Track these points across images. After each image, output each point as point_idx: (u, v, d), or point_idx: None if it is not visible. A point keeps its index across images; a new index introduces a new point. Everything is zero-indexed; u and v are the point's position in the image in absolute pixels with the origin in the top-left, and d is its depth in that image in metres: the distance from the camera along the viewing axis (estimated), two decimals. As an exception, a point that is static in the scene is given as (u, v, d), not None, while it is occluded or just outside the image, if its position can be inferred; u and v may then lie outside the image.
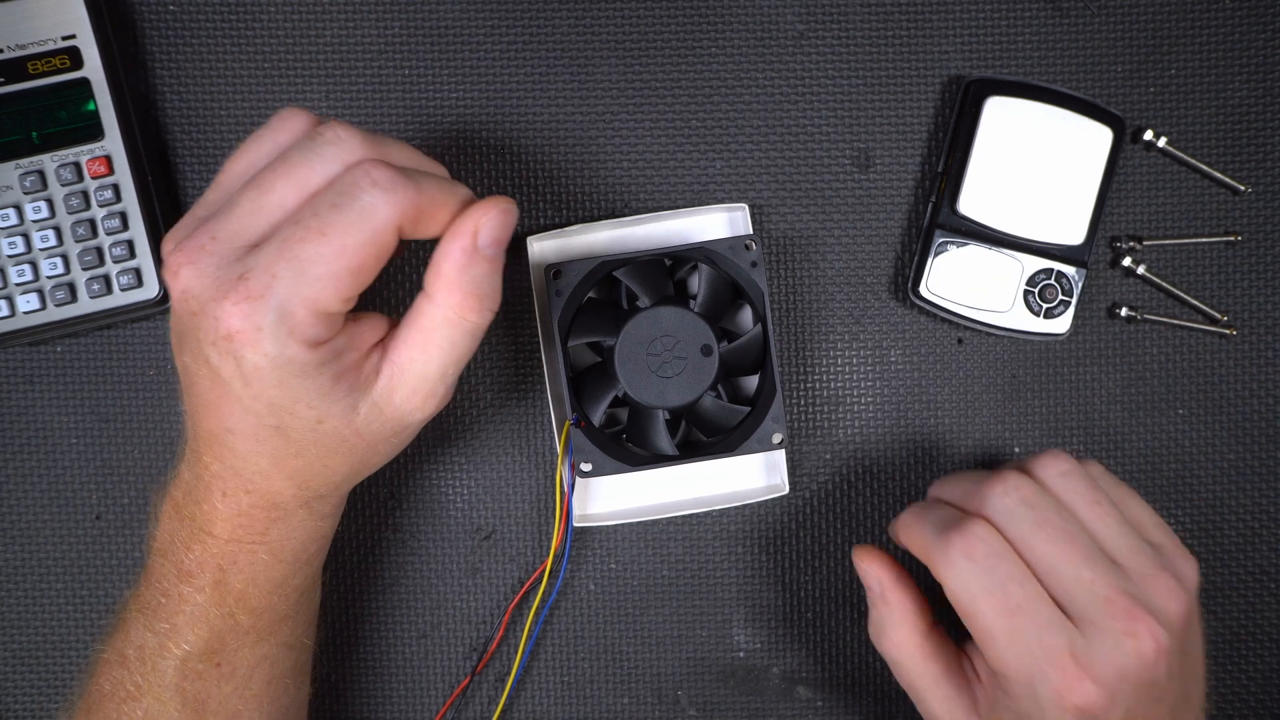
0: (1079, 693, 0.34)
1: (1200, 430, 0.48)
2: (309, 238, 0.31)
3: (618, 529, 0.48)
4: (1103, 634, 0.34)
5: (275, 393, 0.33)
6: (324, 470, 0.36)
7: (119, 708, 0.37)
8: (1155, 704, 0.35)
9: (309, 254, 0.31)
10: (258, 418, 0.33)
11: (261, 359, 0.32)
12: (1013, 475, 0.37)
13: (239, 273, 0.32)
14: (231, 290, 0.31)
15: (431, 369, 0.35)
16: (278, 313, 0.31)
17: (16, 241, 0.44)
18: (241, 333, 0.31)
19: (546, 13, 0.48)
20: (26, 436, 0.48)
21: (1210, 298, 0.48)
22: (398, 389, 0.35)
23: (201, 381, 0.34)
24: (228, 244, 0.32)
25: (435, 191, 0.33)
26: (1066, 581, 0.35)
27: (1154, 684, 0.34)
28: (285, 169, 0.33)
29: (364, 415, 0.35)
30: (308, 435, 0.34)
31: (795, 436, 0.48)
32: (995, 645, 0.35)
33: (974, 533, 0.36)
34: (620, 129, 0.48)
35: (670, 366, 0.43)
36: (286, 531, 0.37)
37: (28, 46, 0.44)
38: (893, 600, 0.40)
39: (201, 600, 0.36)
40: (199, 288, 0.32)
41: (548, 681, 0.49)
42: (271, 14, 0.48)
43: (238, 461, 0.35)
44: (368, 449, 0.36)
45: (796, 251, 0.48)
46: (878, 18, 0.48)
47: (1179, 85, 0.48)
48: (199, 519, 0.36)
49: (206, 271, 0.32)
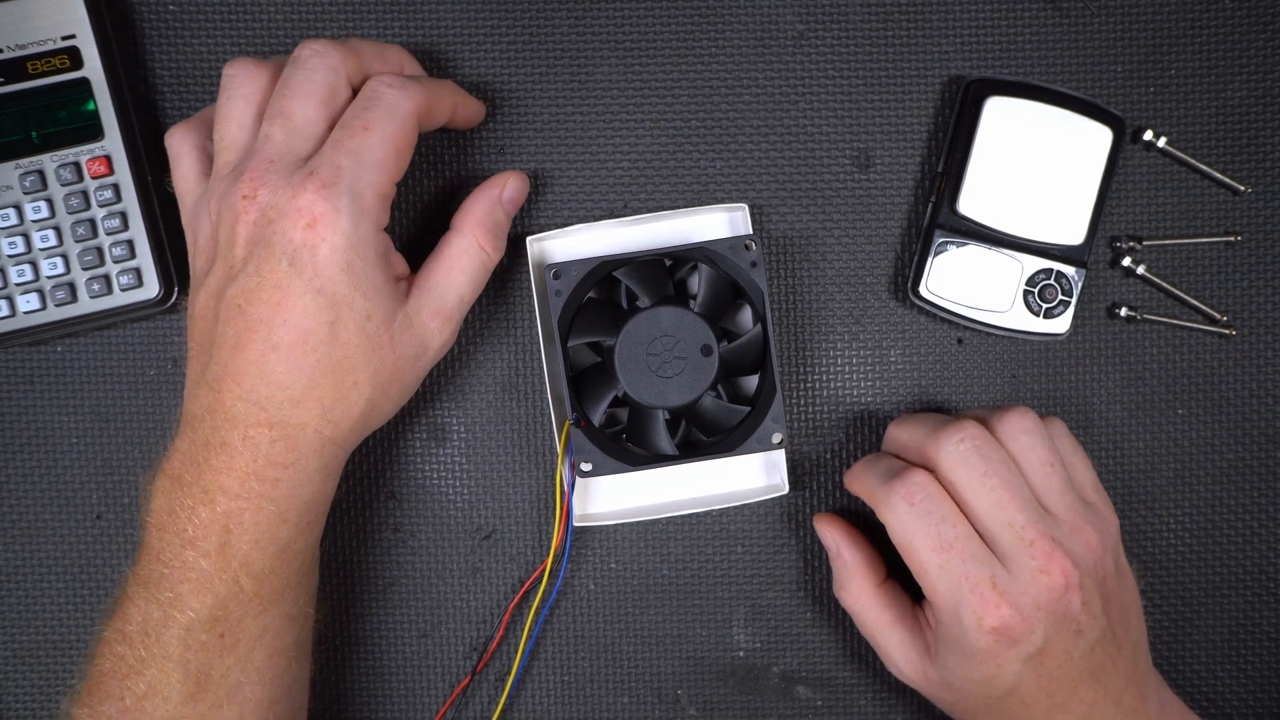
0: (996, 615, 0.38)
1: (1200, 430, 0.48)
2: (357, 134, 0.38)
3: (618, 529, 0.48)
4: (1022, 569, 0.38)
5: (342, 279, 0.37)
6: (350, 392, 0.38)
7: (121, 684, 0.37)
8: (1074, 636, 0.39)
9: (361, 146, 0.38)
10: (315, 315, 0.37)
11: (339, 239, 0.37)
12: (970, 425, 0.40)
13: (307, 172, 0.37)
14: (307, 183, 0.37)
15: (452, 293, 0.41)
16: (350, 194, 0.37)
17: (16, 241, 0.44)
18: (324, 215, 0.37)
19: (546, 13, 0.48)
20: (26, 436, 0.48)
21: (1210, 298, 0.48)
22: (424, 307, 0.40)
23: (258, 300, 0.37)
24: (285, 161, 0.38)
25: (434, 88, 0.42)
26: (999, 524, 0.39)
27: (1068, 616, 0.38)
28: (290, 92, 0.39)
29: (399, 324, 0.39)
30: (353, 336, 0.38)
31: (795, 436, 0.48)
32: (928, 576, 0.39)
33: (914, 480, 0.40)
34: (620, 129, 0.48)
35: (670, 366, 0.43)
36: (296, 484, 0.38)
37: (28, 46, 0.44)
38: (847, 555, 0.44)
39: (206, 565, 0.37)
40: (276, 196, 0.37)
41: (548, 681, 0.49)
42: (271, 14, 0.48)
43: (270, 389, 0.37)
44: (393, 369, 0.40)
45: (796, 251, 0.48)
46: (878, 18, 0.48)
47: (1179, 85, 0.48)
48: (205, 480, 0.37)
49: (279, 183, 0.37)
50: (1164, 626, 0.48)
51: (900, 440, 0.43)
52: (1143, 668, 0.42)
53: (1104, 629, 0.39)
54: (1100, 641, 0.39)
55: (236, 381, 0.37)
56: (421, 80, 0.41)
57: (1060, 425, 0.43)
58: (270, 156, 0.38)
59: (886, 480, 0.41)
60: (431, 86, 0.41)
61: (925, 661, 0.42)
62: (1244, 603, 0.48)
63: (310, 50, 0.39)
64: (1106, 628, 0.40)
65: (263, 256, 0.37)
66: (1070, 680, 0.39)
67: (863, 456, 0.45)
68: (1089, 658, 0.39)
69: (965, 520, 0.39)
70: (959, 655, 0.39)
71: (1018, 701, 0.39)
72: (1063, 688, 0.39)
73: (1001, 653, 0.38)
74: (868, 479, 0.42)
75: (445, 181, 0.48)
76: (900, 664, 0.43)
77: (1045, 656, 0.38)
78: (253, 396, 0.37)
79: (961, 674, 0.40)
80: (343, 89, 0.40)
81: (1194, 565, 0.48)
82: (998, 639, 0.38)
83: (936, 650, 0.41)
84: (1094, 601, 0.39)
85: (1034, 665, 0.38)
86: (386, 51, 0.42)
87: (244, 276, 0.37)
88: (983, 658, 0.38)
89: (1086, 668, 0.39)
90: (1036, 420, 0.41)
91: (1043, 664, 0.39)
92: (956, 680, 0.40)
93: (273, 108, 0.39)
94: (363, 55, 0.41)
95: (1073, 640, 0.39)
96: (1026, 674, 0.39)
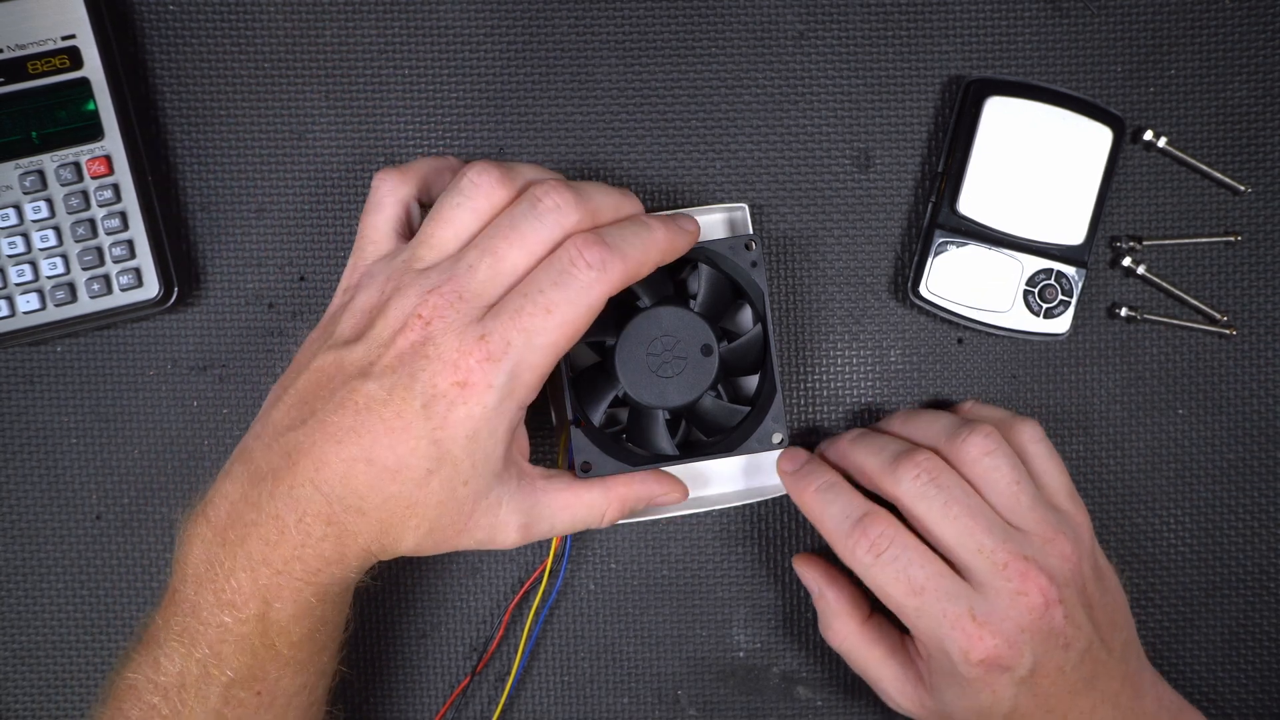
0: (981, 648, 0.38)
1: (1200, 430, 0.48)
2: (537, 313, 0.36)
3: (618, 529, 0.48)
4: (999, 594, 0.38)
5: (461, 443, 0.36)
6: (409, 529, 0.37)
7: None
8: (1063, 651, 0.39)
9: (537, 326, 0.36)
10: (420, 460, 0.36)
11: (478, 411, 0.36)
12: (923, 457, 0.41)
13: (479, 334, 0.36)
14: (475, 347, 0.36)
15: (552, 524, 0.40)
16: (509, 374, 0.36)
17: (16, 241, 0.44)
18: (477, 386, 0.36)
19: (546, 13, 0.48)
20: (26, 436, 0.48)
21: (1210, 298, 0.48)
22: (521, 512, 0.39)
23: (376, 414, 0.36)
24: (472, 304, 0.37)
25: (638, 254, 0.38)
26: (969, 552, 0.39)
27: (1053, 633, 0.38)
28: (515, 237, 0.37)
29: (488, 503, 0.38)
30: (442, 490, 0.37)
31: (795, 436, 0.48)
32: (907, 618, 0.40)
33: (875, 529, 0.40)
34: (620, 129, 0.48)
35: (670, 366, 0.43)
36: (335, 577, 0.38)
37: (28, 46, 0.44)
38: (829, 596, 0.44)
39: (244, 631, 0.37)
40: (444, 340, 0.36)
41: (548, 681, 0.49)
42: (271, 14, 0.48)
43: (344, 491, 0.36)
44: (454, 533, 0.38)
45: (796, 251, 0.48)
46: (878, 18, 0.48)
47: (1179, 85, 0.48)
48: (250, 548, 0.36)
49: (454, 327, 0.36)
50: (1164, 626, 0.48)
51: (857, 463, 0.43)
52: (1135, 664, 0.42)
53: (1091, 636, 0.39)
54: (1089, 650, 0.39)
55: (316, 467, 0.36)
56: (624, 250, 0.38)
57: (1034, 429, 0.43)
58: (461, 292, 0.36)
59: (848, 530, 0.41)
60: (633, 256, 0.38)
61: (921, 692, 0.42)
62: (1244, 603, 0.48)
63: (553, 202, 0.37)
64: (1093, 634, 0.40)
65: (404, 383, 0.36)
66: (1067, 692, 0.39)
67: (811, 475, 0.44)
68: (1081, 668, 0.39)
69: (934, 558, 0.39)
70: (954, 686, 0.39)
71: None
72: (1061, 701, 0.39)
73: (994, 680, 0.38)
74: (826, 522, 0.42)
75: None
76: (896, 697, 0.42)
77: (1038, 676, 0.38)
78: (325, 489, 0.36)
79: (959, 704, 0.40)
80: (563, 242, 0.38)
81: (1194, 565, 0.48)
82: (988, 669, 0.38)
83: (931, 681, 0.41)
84: (1077, 612, 0.39)
85: (1028, 686, 0.39)
86: (625, 208, 0.40)
87: (375, 383, 0.36)
88: (977, 687, 0.39)
89: (1081, 677, 0.39)
90: (998, 439, 0.41)
91: (1037, 683, 0.39)
92: (955, 709, 0.40)
93: (488, 243, 0.37)
94: (599, 216, 0.39)
95: (1062, 655, 0.39)
96: (1023, 695, 0.39)
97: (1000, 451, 0.41)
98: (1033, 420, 0.44)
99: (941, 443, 0.42)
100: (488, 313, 0.37)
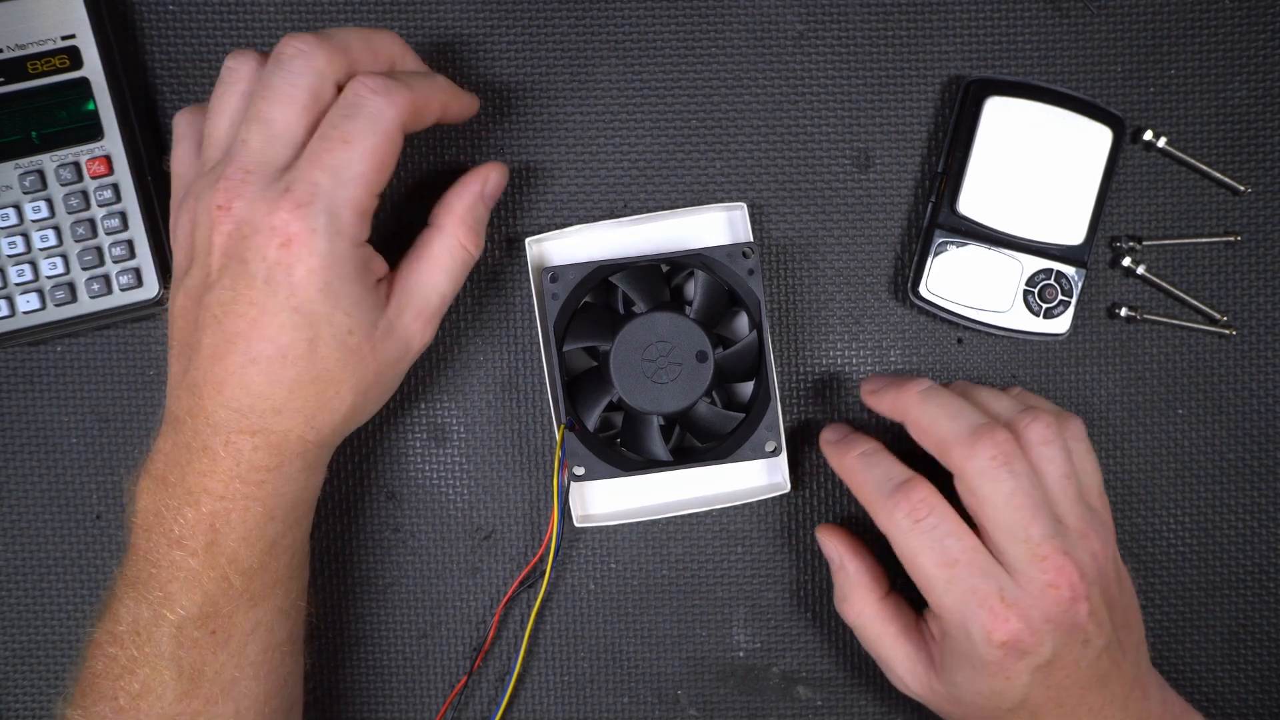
0: (1005, 629, 0.38)
1: (1200, 430, 0.48)
2: (335, 148, 0.36)
3: (618, 529, 0.48)
4: (1032, 582, 0.38)
5: (319, 299, 0.36)
6: (332, 400, 0.38)
7: (115, 684, 0.37)
8: (1082, 646, 0.39)
9: (339, 161, 0.36)
10: (293, 333, 0.36)
11: (315, 260, 0.36)
12: (1004, 439, 0.39)
13: (283, 188, 0.36)
14: (282, 201, 0.36)
15: (434, 293, 0.41)
16: (327, 214, 0.36)
17: (16, 241, 0.44)
18: (299, 235, 0.36)
19: (546, 13, 0.48)
20: (26, 436, 0.48)
21: (1210, 298, 0.48)
22: (405, 309, 0.40)
23: (233, 314, 0.36)
24: (262, 172, 0.37)
25: (423, 87, 0.39)
26: (1014, 539, 0.38)
27: (1076, 627, 0.38)
28: (272, 95, 0.37)
29: (380, 331, 0.39)
30: (334, 351, 0.37)
31: (795, 436, 0.48)
32: (934, 590, 0.39)
33: (917, 496, 0.39)
34: (620, 129, 0.48)
35: (665, 372, 0.43)
36: (281, 484, 0.38)
37: (27, 46, 0.44)
38: (850, 568, 0.44)
39: (194, 564, 0.37)
40: (250, 211, 0.36)
41: (547, 681, 0.49)
42: (271, 14, 0.48)
43: (251, 399, 0.37)
44: (375, 376, 0.39)
45: (796, 252, 0.48)
46: (878, 18, 0.48)
47: (1179, 85, 0.48)
48: (189, 482, 0.37)
49: (254, 196, 0.36)
50: (1164, 626, 0.48)
51: (925, 422, 0.41)
52: (1144, 666, 0.42)
53: (1110, 635, 0.39)
54: (1106, 648, 0.39)
55: (217, 390, 0.37)
56: (408, 81, 0.39)
57: (1079, 427, 0.43)
58: (246, 166, 0.37)
59: (889, 493, 0.40)
60: (419, 87, 0.39)
61: (930, 675, 0.41)
62: (1244, 603, 0.48)
63: (294, 49, 0.37)
64: (1112, 633, 0.40)
65: (238, 272, 0.36)
66: (1079, 688, 0.39)
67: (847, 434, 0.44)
68: (1096, 665, 0.39)
69: (971, 533, 0.39)
70: (967, 668, 0.39)
71: (1027, 713, 0.39)
72: (1071, 696, 0.39)
73: (1011, 665, 0.38)
74: (867, 485, 0.41)
75: (431, 174, 0.48)
76: (905, 677, 0.42)
77: (1054, 667, 0.38)
78: (233, 404, 0.37)
79: (970, 687, 0.39)
80: (327, 91, 0.38)
81: (1194, 565, 0.48)
82: (1007, 652, 0.38)
83: (942, 663, 0.41)
84: (1100, 609, 0.39)
85: (1043, 676, 0.38)
86: (376, 42, 0.40)
87: (220, 289, 0.37)
88: (992, 670, 0.38)
89: (1094, 675, 0.39)
90: (1056, 431, 0.41)
91: (1052, 675, 0.38)
92: (964, 693, 0.40)
93: (251, 111, 0.37)
94: (350, 51, 0.39)
95: (1081, 650, 0.39)
96: (1036, 685, 0.38)
97: (1058, 443, 0.40)
98: (1079, 418, 0.43)
99: (1003, 422, 0.41)
100: (286, 173, 0.37)
